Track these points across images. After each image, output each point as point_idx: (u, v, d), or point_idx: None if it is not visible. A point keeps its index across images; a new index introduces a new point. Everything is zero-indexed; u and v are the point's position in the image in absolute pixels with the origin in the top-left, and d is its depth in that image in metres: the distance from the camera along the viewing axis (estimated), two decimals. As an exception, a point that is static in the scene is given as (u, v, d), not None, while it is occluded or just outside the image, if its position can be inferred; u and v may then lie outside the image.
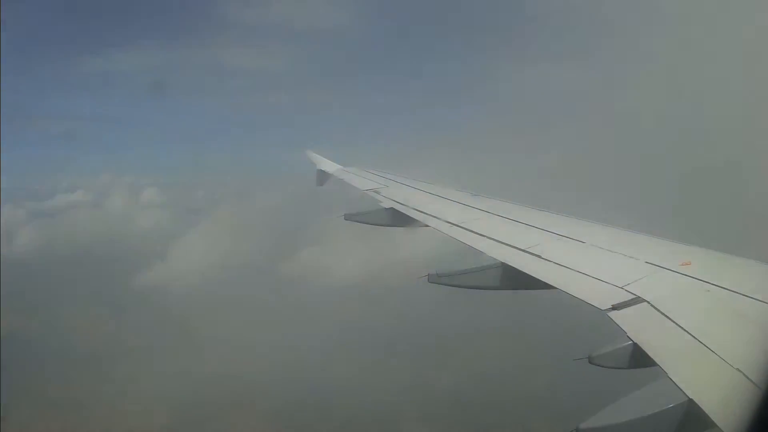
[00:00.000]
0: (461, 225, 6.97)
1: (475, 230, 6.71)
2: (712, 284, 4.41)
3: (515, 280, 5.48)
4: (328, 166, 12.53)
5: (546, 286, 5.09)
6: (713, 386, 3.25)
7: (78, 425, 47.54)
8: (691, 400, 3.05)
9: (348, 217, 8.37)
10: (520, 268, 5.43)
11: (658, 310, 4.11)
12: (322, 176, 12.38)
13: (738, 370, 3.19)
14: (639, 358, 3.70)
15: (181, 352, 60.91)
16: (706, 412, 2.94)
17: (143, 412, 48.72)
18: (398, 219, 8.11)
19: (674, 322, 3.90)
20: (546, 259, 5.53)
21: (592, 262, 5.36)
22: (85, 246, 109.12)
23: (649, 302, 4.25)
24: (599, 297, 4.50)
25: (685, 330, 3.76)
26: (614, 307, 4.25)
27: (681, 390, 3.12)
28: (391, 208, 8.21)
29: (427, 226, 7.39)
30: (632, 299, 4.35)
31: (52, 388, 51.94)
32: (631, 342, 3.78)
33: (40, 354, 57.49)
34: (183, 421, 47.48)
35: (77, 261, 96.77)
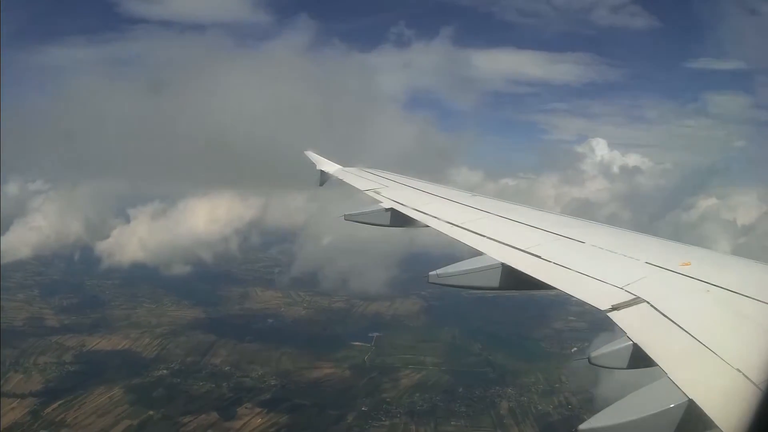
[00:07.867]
0: (461, 225, 6.97)
1: (475, 230, 6.70)
2: (712, 284, 4.41)
3: (515, 280, 5.47)
4: (328, 166, 12.55)
5: (546, 286, 5.09)
6: (713, 386, 3.25)
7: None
8: (691, 401, 3.04)
9: (348, 218, 8.37)
10: (520, 269, 5.43)
11: (658, 311, 4.10)
12: (323, 176, 12.40)
13: (738, 370, 3.18)
14: (639, 359, 3.70)
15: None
16: (706, 412, 2.94)
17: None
18: (398, 219, 8.10)
19: (674, 322, 3.89)
20: (546, 260, 5.53)
21: (592, 262, 5.35)
22: None
23: (649, 302, 4.25)
24: (599, 297, 4.50)
25: (685, 330, 3.75)
26: (614, 308, 4.24)
27: (681, 390, 3.12)
28: (391, 208, 8.21)
29: (428, 226, 7.39)
30: (632, 299, 4.34)
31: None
32: (631, 342, 3.78)
33: None
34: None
35: None
